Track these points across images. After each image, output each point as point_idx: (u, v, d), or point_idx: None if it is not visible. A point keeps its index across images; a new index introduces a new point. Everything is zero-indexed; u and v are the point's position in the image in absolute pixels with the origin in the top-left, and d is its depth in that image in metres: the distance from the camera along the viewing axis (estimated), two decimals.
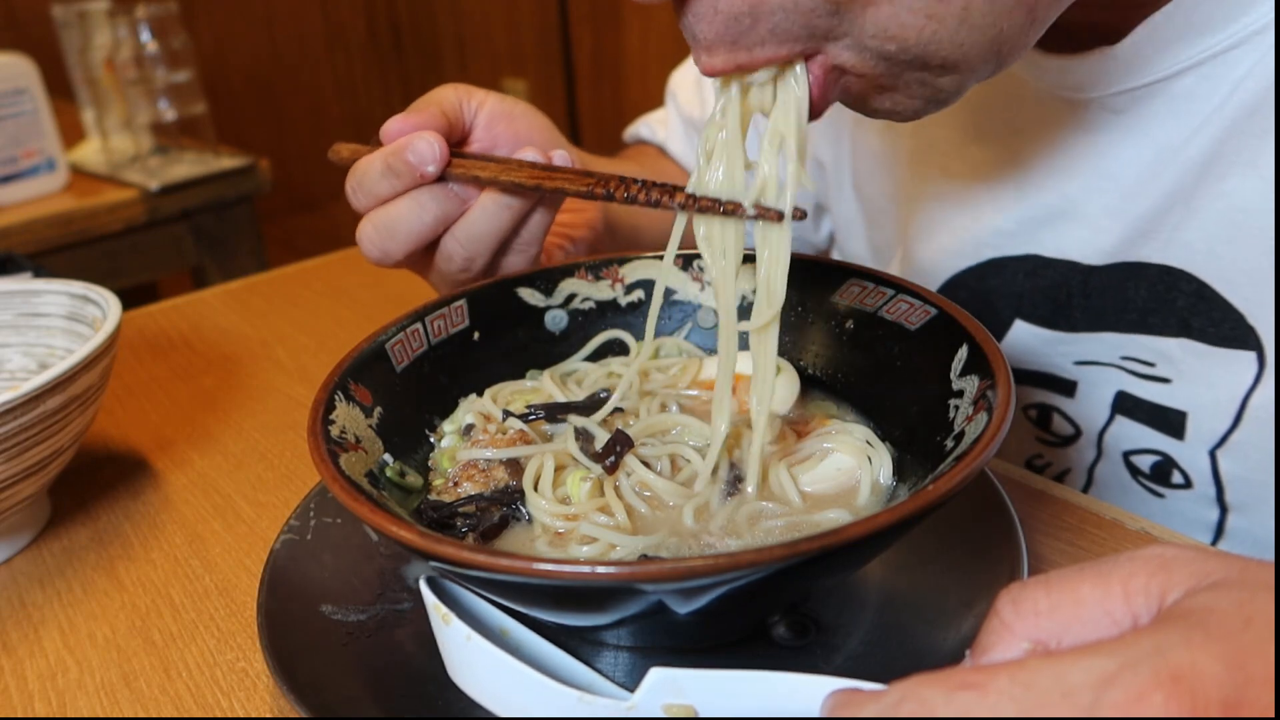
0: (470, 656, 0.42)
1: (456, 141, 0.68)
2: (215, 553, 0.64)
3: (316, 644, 0.50)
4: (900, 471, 0.52)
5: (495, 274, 0.66)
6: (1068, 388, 0.72)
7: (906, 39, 0.44)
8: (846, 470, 0.52)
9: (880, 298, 0.57)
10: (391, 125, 0.63)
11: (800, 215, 0.49)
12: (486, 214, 0.62)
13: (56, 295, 0.73)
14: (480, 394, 0.61)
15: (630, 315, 0.65)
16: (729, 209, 0.50)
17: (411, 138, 0.61)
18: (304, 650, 0.49)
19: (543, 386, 0.61)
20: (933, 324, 0.54)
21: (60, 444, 0.62)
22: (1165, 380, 0.66)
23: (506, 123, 0.68)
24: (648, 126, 1.03)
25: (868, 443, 0.53)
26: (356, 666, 0.49)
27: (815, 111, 0.48)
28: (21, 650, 0.56)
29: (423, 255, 0.66)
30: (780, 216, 0.49)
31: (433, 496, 0.53)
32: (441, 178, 0.62)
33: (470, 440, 0.56)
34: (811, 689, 0.34)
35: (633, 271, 0.65)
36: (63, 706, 0.52)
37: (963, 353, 0.50)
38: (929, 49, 0.45)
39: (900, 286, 0.57)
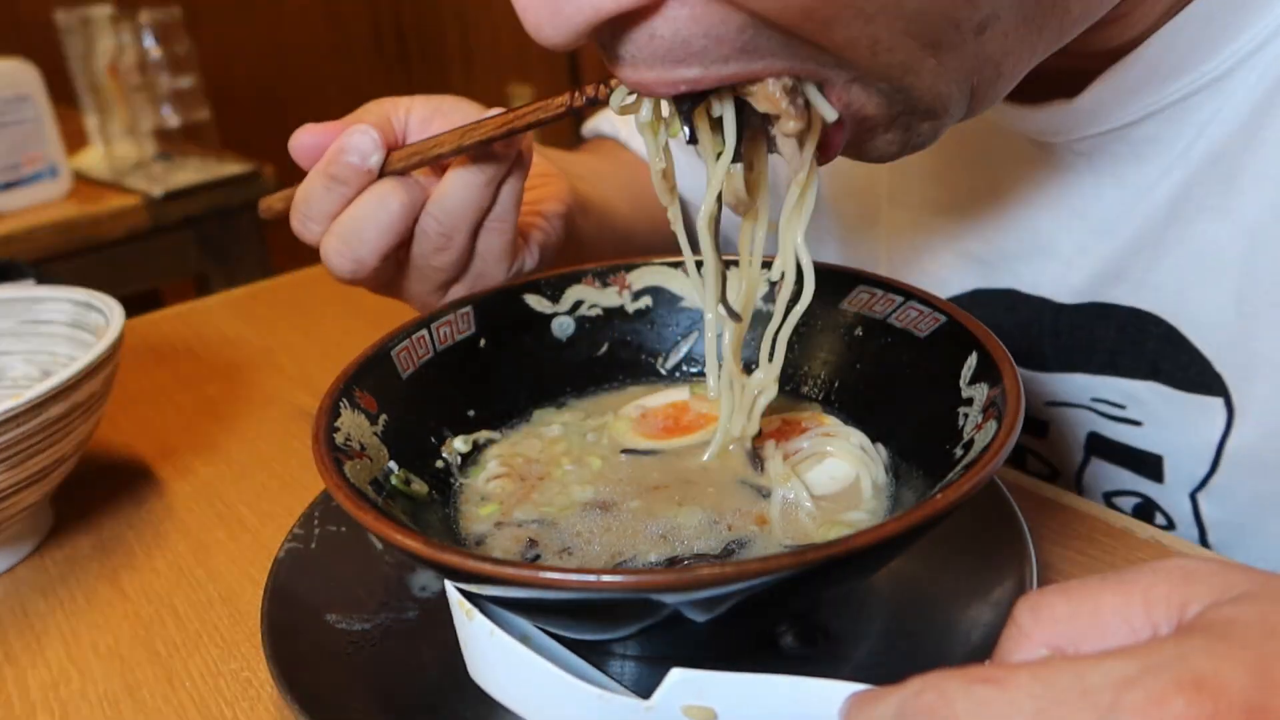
0: (492, 653, 0.41)
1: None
2: (219, 561, 0.63)
3: (321, 653, 0.49)
4: (901, 478, 0.52)
5: (473, 258, 0.65)
6: (1039, 428, 0.72)
7: (892, 82, 0.44)
8: (841, 479, 0.53)
9: (889, 304, 0.57)
10: (302, 138, 0.59)
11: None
12: (461, 182, 0.60)
13: (59, 302, 0.73)
14: (496, 429, 0.60)
15: (638, 322, 0.65)
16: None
17: (344, 137, 0.58)
18: (308, 660, 0.49)
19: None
20: (942, 331, 0.53)
21: (63, 452, 0.62)
22: (1136, 423, 0.65)
23: (441, 118, 0.65)
24: (608, 121, 1.02)
25: (862, 449, 0.53)
26: (361, 676, 0.48)
27: (831, 155, 0.48)
28: (24, 660, 0.56)
29: (394, 270, 0.65)
30: None
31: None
32: (399, 172, 0.60)
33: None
34: (833, 693, 0.33)
35: (640, 278, 0.65)
36: (65, 716, 0.52)
37: (972, 360, 0.50)
38: (912, 95, 0.45)
39: (909, 293, 0.56)
